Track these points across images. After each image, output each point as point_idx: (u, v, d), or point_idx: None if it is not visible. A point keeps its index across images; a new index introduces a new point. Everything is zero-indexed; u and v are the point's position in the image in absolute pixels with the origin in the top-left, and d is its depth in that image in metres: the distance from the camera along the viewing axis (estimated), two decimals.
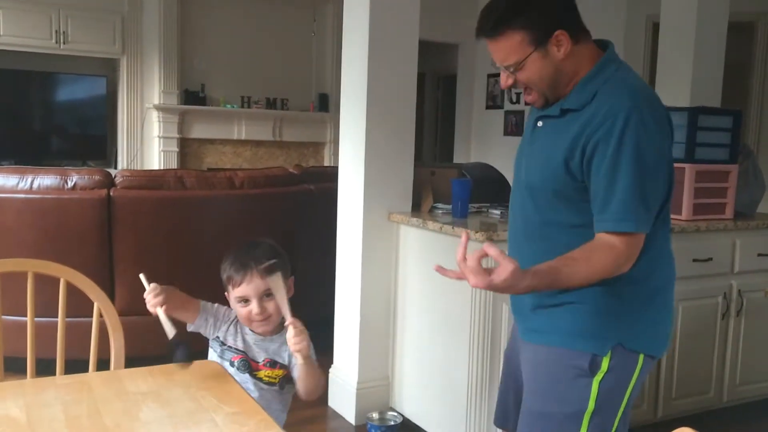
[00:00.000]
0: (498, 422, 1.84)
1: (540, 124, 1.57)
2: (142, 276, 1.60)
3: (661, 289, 1.58)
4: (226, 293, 1.77)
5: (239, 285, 1.70)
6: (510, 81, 1.51)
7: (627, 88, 1.46)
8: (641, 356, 1.54)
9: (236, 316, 1.77)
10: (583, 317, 1.52)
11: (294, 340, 1.57)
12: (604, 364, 1.50)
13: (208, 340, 1.79)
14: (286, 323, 1.59)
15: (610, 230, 1.43)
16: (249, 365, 1.70)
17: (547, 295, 1.54)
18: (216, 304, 1.78)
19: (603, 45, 1.55)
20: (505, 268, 1.32)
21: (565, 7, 1.48)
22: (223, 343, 1.74)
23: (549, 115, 1.54)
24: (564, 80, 1.49)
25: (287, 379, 1.74)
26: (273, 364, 1.72)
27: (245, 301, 1.71)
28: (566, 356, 1.53)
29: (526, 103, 1.58)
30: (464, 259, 1.35)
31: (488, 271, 1.33)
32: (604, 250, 1.43)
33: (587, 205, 1.48)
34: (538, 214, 1.56)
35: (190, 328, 1.74)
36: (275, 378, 1.71)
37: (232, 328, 1.76)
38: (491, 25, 1.46)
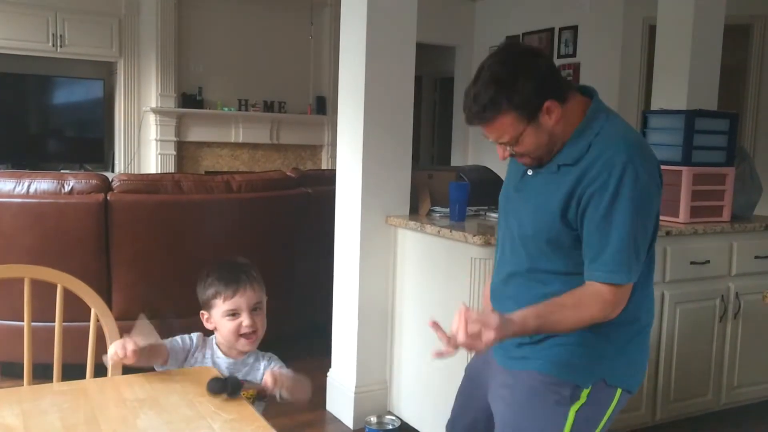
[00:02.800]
0: (447, 428, 1.85)
1: (530, 172, 1.58)
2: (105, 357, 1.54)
3: (642, 329, 1.62)
4: (202, 313, 1.72)
5: (231, 298, 1.67)
6: (507, 153, 1.54)
7: (621, 140, 1.48)
8: (619, 391, 1.57)
9: (200, 342, 1.72)
10: (570, 351, 1.54)
11: (281, 384, 1.58)
12: (583, 395, 1.54)
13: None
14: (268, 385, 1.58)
15: (602, 281, 1.46)
16: None
17: (537, 336, 1.56)
18: (178, 337, 1.71)
19: (587, 91, 1.57)
20: (489, 328, 1.34)
21: (547, 77, 1.47)
22: None
23: (542, 172, 1.55)
24: (558, 141, 1.51)
25: (258, 396, 1.70)
26: (246, 384, 1.67)
27: (234, 314, 1.67)
28: (549, 382, 1.55)
29: (524, 165, 1.60)
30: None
31: (478, 336, 1.35)
32: (593, 299, 1.46)
33: (579, 252, 1.50)
34: (530, 262, 1.57)
35: (159, 369, 1.66)
36: (249, 398, 1.65)
37: (199, 354, 1.71)
38: (480, 113, 1.47)
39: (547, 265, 1.54)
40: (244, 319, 1.67)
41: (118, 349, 1.47)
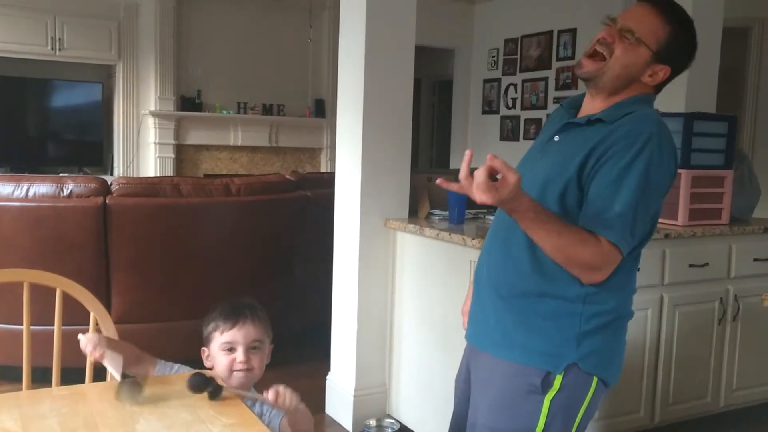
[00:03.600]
0: None
1: (557, 138, 1.59)
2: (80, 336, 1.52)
3: (620, 319, 1.59)
4: (203, 350, 1.69)
5: (229, 330, 1.64)
6: (611, 40, 1.54)
7: (654, 118, 1.53)
8: (595, 379, 1.54)
9: None
10: (543, 333, 1.52)
11: (290, 401, 1.52)
12: (557, 382, 1.51)
13: None
14: (270, 399, 1.51)
15: (600, 233, 1.44)
16: None
17: (510, 307, 1.56)
18: (177, 365, 1.67)
19: None
20: (509, 180, 1.31)
21: (685, 65, 1.58)
22: None
23: (575, 123, 1.56)
24: (621, 87, 1.54)
25: None
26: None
27: (230, 349, 1.64)
28: (520, 371, 1.53)
29: (579, 68, 1.59)
30: (468, 175, 1.33)
31: (495, 187, 1.32)
32: (592, 240, 1.44)
33: (574, 209, 1.50)
34: None
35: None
36: None
37: None
38: (671, 7, 1.52)
39: None
40: (239, 355, 1.62)
41: (88, 344, 1.49)
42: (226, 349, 1.64)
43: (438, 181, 1.40)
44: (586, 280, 1.48)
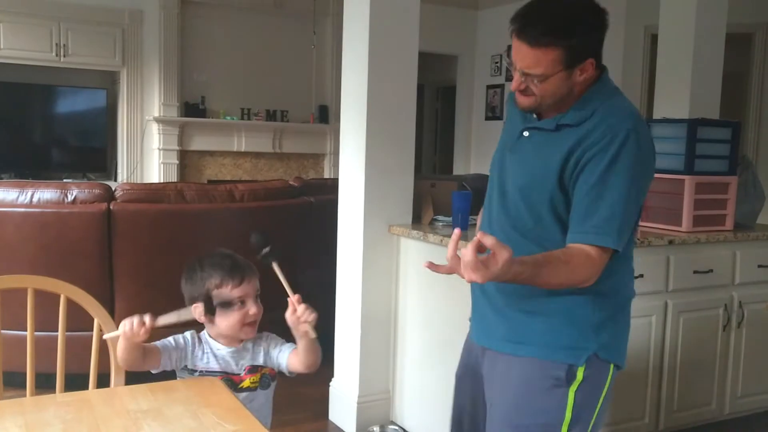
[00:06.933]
0: None
1: (526, 134, 1.57)
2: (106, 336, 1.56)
3: (626, 303, 1.62)
4: (196, 306, 1.67)
5: (238, 286, 1.66)
6: (522, 87, 1.50)
7: (625, 110, 1.50)
8: (611, 366, 1.57)
9: (195, 339, 1.70)
10: (559, 328, 1.53)
11: (306, 315, 1.58)
12: (579, 373, 1.53)
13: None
14: (293, 299, 1.60)
15: (591, 243, 1.44)
16: (232, 381, 1.65)
17: (520, 308, 1.56)
18: (171, 338, 1.70)
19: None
20: (501, 256, 1.30)
21: (601, 38, 1.50)
22: (193, 371, 1.67)
23: (541, 128, 1.55)
24: (569, 99, 1.51)
25: (268, 377, 1.72)
26: (253, 369, 1.69)
27: (242, 302, 1.66)
28: (543, 367, 1.54)
29: (520, 106, 1.56)
30: (455, 255, 1.32)
31: (484, 264, 1.31)
32: (583, 260, 1.44)
33: (565, 217, 1.50)
34: (516, 220, 1.56)
35: (156, 370, 1.66)
36: (256, 382, 1.68)
37: (197, 350, 1.69)
38: (537, 34, 1.42)
39: (532, 225, 1.53)
40: (251, 308, 1.67)
41: (132, 324, 1.51)
42: (238, 303, 1.66)
43: (425, 264, 1.40)
44: (583, 286, 1.49)
